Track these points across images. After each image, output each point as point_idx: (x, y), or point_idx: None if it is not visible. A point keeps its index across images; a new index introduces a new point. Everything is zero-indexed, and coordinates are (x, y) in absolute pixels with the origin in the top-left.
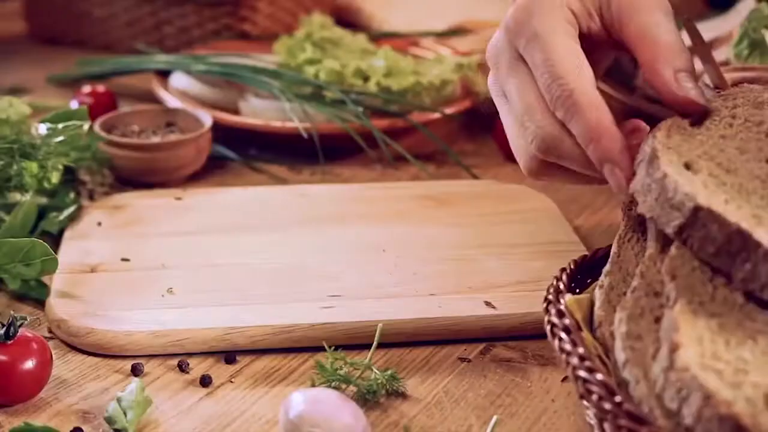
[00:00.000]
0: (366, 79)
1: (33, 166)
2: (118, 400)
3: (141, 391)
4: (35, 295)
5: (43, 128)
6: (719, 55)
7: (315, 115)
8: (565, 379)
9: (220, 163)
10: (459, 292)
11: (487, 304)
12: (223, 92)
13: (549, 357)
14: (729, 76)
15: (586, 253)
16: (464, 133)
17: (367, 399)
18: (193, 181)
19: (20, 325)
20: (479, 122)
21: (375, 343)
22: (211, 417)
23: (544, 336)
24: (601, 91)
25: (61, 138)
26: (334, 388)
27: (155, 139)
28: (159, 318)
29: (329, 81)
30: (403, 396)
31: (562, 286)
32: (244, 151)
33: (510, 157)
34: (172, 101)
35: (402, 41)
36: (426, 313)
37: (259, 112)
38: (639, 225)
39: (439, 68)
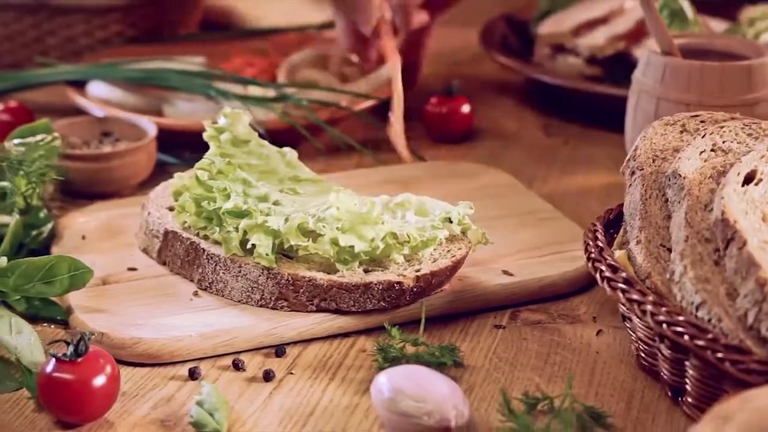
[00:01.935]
0: None
1: (22, 183)
2: (199, 404)
3: (218, 393)
4: (46, 314)
5: (13, 144)
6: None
7: (253, 112)
8: (599, 332)
9: (162, 169)
10: (473, 264)
11: (505, 272)
12: (145, 98)
13: (573, 315)
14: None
15: (563, 217)
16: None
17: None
18: (145, 188)
19: (89, 341)
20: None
21: (423, 320)
22: (290, 409)
23: (560, 297)
24: None
25: (40, 152)
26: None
27: (106, 149)
28: (202, 320)
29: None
30: (461, 366)
31: (600, 244)
32: (179, 156)
33: (438, 139)
34: (96, 110)
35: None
36: (458, 288)
37: (187, 114)
38: (655, 183)
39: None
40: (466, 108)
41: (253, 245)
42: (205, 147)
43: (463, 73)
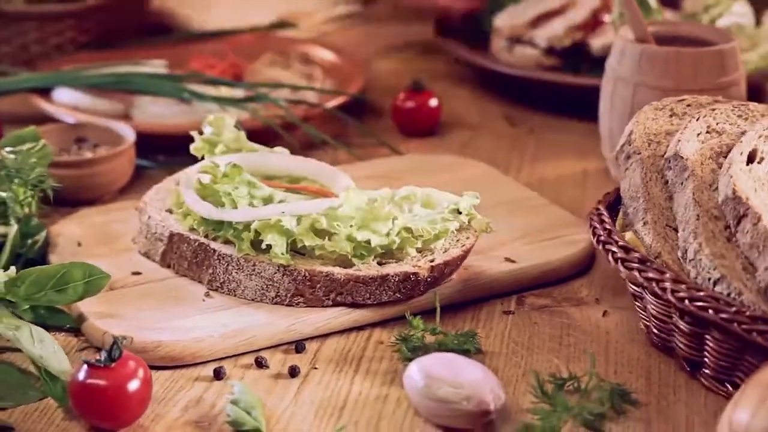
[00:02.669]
0: None
1: (20, 192)
2: (234, 403)
3: (251, 391)
4: (54, 323)
5: (6, 153)
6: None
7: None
8: (605, 313)
9: (138, 174)
10: (474, 253)
11: (507, 259)
12: (111, 103)
13: (576, 298)
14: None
15: (550, 203)
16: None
17: None
18: (126, 194)
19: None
20: (361, 108)
21: (438, 309)
22: (322, 402)
23: (560, 281)
24: None
25: (33, 160)
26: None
27: (88, 155)
28: (219, 320)
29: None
30: (481, 352)
31: (609, 227)
32: (153, 159)
33: (408, 134)
34: (66, 117)
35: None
36: (465, 276)
37: (156, 117)
38: (653, 166)
39: None
40: (433, 102)
41: (268, 245)
42: (180, 149)
43: (417, 67)
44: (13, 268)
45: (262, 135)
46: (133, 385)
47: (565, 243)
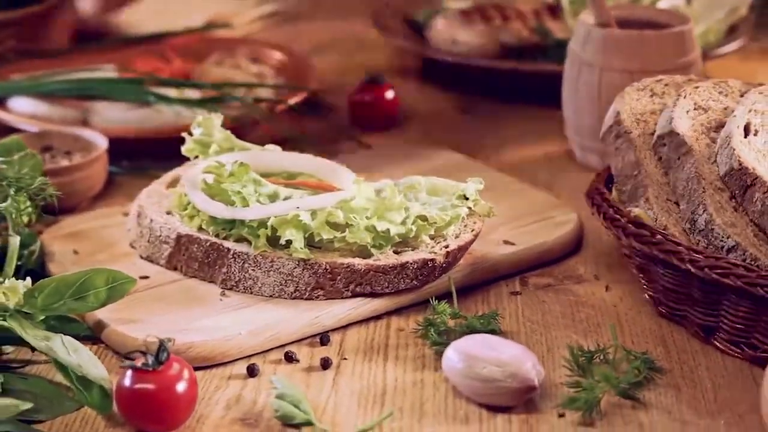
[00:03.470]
0: None
1: (22, 201)
2: (280, 397)
3: (293, 385)
4: (68, 332)
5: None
6: None
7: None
8: (607, 288)
9: (108, 180)
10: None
11: (506, 242)
12: (67, 109)
13: (576, 275)
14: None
15: (530, 187)
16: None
17: None
18: (101, 200)
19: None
20: (314, 104)
21: (454, 294)
22: (361, 392)
23: (559, 259)
24: None
25: (26, 169)
26: (448, 337)
27: (64, 163)
28: (241, 318)
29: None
30: (501, 332)
31: (614, 204)
32: (117, 165)
33: (366, 128)
34: (27, 126)
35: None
36: (471, 261)
37: (118, 122)
38: (644, 145)
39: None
40: (390, 94)
41: (288, 241)
42: (143, 153)
43: (356, 62)
44: (28, 280)
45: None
46: (181, 387)
47: (556, 224)
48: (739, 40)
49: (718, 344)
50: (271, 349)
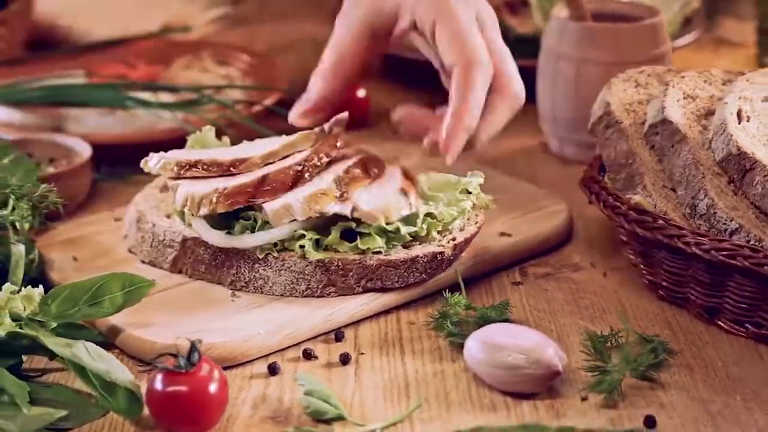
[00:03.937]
0: None
1: (24, 208)
2: (309, 394)
3: (319, 381)
4: (81, 338)
5: None
6: None
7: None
8: (605, 274)
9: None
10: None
11: (503, 234)
12: (43, 117)
13: (572, 264)
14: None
15: (517, 180)
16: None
17: None
18: (87, 207)
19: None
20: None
21: (462, 285)
22: (385, 385)
23: (554, 248)
24: None
25: (20, 174)
26: (462, 328)
27: (50, 170)
28: (256, 318)
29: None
30: (512, 322)
31: (613, 192)
32: (96, 171)
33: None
34: (3, 134)
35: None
36: (472, 253)
37: (95, 128)
38: (636, 134)
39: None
40: (361, 93)
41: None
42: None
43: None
44: (40, 288)
45: None
46: (213, 388)
47: (548, 214)
48: (695, 32)
49: (722, 324)
50: (289, 347)
